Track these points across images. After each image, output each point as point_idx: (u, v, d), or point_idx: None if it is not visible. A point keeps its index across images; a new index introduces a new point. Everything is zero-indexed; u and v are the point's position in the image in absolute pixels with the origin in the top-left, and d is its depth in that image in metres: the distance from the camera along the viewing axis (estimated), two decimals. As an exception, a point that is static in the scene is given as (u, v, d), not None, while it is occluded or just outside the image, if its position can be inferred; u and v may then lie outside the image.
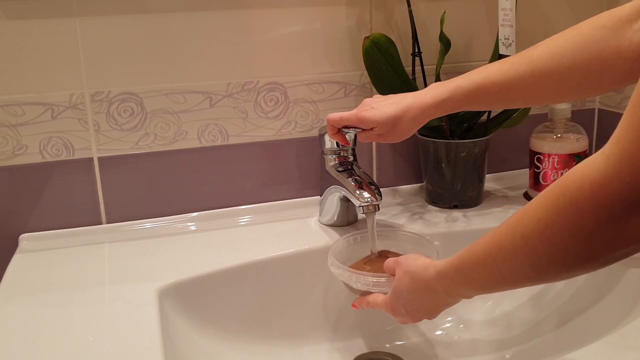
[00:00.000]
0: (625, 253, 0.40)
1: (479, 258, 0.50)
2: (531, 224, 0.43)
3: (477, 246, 0.51)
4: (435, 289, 0.58)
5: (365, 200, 0.76)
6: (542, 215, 0.42)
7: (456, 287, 0.56)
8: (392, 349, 0.80)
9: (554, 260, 0.42)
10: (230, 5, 0.86)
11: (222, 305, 0.76)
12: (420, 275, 0.59)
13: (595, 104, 1.07)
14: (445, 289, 0.57)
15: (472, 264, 0.52)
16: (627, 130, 0.36)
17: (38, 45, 0.81)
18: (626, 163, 0.36)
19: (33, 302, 0.69)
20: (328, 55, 0.92)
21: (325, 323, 0.81)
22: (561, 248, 0.41)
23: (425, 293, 0.60)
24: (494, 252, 0.48)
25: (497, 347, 0.79)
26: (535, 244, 0.43)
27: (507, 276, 0.48)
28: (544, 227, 0.42)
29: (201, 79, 0.87)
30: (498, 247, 0.48)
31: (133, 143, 0.87)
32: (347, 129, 0.75)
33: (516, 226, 0.45)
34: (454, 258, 0.55)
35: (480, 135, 0.89)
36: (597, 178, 0.37)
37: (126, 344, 0.60)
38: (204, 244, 0.84)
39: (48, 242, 0.85)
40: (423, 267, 0.59)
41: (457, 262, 0.54)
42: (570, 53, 0.61)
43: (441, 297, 0.59)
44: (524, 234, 0.44)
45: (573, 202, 0.39)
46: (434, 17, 0.94)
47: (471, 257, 0.52)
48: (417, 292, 0.61)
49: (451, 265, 0.55)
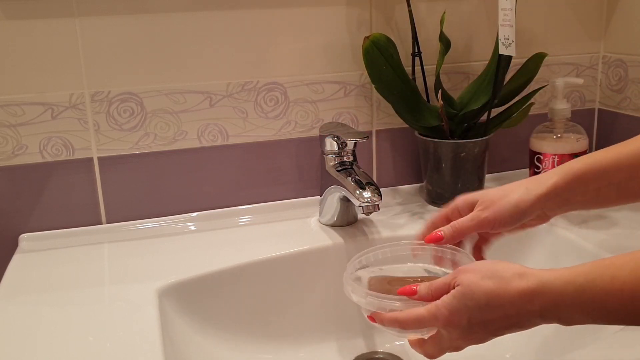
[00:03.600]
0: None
1: (625, 286, 0.43)
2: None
3: (621, 271, 0.43)
4: (530, 303, 0.47)
5: (365, 200, 0.76)
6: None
7: (565, 309, 0.46)
8: (392, 349, 0.80)
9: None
10: (230, 6, 0.86)
11: (222, 305, 0.76)
12: (512, 283, 0.48)
13: (595, 104, 1.07)
14: (545, 306, 0.47)
15: (612, 290, 0.43)
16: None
17: (38, 45, 0.81)
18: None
19: (33, 302, 0.69)
20: (328, 55, 0.92)
21: (325, 323, 0.81)
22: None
23: (511, 306, 0.48)
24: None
25: (497, 347, 0.79)
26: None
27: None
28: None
29: (201, 79, 0.87)
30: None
31: (133, 143, 0.87)
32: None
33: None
34: (571, 275, 0.46)
35: (480, 135, 0.89)
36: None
37: (126, 344, 0.60)
38: (204, 244, 0.84)
39: (48, 242, 0.85)
40: (516, 274, 0.48)
41: (580, 280, 0.45)
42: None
43: (529, 316, 0.48)
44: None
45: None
46: (434, 17, 0.94)
47: (609, 282, 0.44)
48: (498, 302, 0.48)
49: (567, 282, 0.46)
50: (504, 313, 0.48)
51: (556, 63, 1.03)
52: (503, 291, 0.48)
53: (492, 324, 0.50)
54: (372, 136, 0.97)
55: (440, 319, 0.51)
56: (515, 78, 0.93)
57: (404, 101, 0.90)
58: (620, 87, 1.02)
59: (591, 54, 1.04)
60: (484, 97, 0.90)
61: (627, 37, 1.00)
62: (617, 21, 1.01)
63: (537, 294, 0.47)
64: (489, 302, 0.48)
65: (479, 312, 0.49)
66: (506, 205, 0.59)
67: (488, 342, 0.53)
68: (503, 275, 0.49)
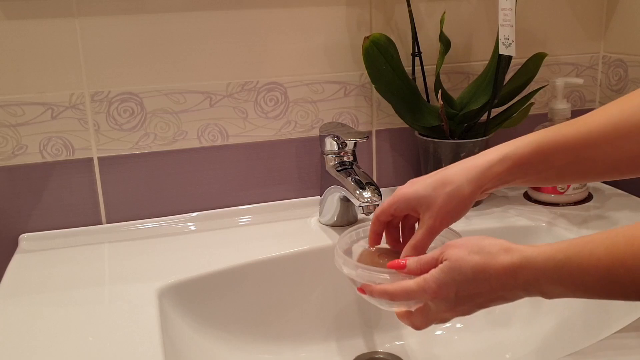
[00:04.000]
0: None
1: (601, 263, 0.44)
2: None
3: (598, 249, 0.45)
4: (513, 277, 0.49)
5: (365, 200, 0.76)
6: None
7: (546, 284, 0.48)
8: (392, 349, 0.80)
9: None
10: (230, 5, 0.86)
11: (222, 305, 0.76)
12: (498, 257, 0.50)
13: (595, 104, 1.07)
14: (527, 280, 0.49)
15: (588, 266, 0.45)
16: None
17: (38, 45, 0.81)
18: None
19: (33, 302, 0.69)
20: (328, 55, 0.92)
21: (325, 323, 0.81)
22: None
23: (496, 280, 0.50)
24: (632, 263, 0.43)
25: (497, 347, 0.79)
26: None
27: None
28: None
29: (201, 79, 0.87)
30: (638, 258, 0.43)
31: (133, 143, 0.87)
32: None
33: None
34: (552, 250, 0.48)
35: (480, 135, 0.89)
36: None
37: (126, 344, 0.60)
38: (204, 244, 0.84)
39: (48, 242, 0.85)
40: (501, 249, 0.50)
41: (560, 257, 0.47)
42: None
43: (513, 289, 0.50)
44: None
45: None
46: (434, 17, 0.94)
47: (586, 258, 0.45)
48: (484, 276, 0.50)
49: (548, 259, 0.48)
50: (489, 287, 0.50)
51: (556, 63, 1.03)
52: (489, 266, 0.50)
53: (479, 297, 0.52)
54: (372, 136, 0.97)
55: (428, 292, 0.52)
56: (515, 78, 0.93)
57: (404, 101, 0.90)
58: (620, 87, 1.02)
59: (591, 54, 1.04)
60: (484, 97, 0.90)
61: (627, 37, 1.00)
62: (617, 21, 1.01)
63: (521, 269, 0.49)
64: (476, 276, 0.50)
65: (466, 286, 0.51)
66: (450, 203, 0.59)
67: (488, 342, 0.54)
68: (489, 251, 0.50)
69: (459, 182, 0.59)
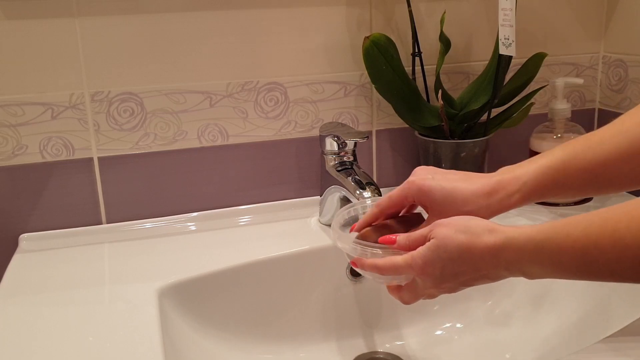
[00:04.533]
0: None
1: (577, 244, 0.46)
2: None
3: (575, 229, 0.46)
4: (496, 257, 0.51)
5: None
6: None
7: (527, 263, 0.50)
8: (392, 349, 0.80)
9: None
10: (230, 5, 0.86)
11: (222, 305, 0.76)
12: (482, 237, 0.51)
13: (595, 104, 1.07)
14: (509, 260, 0.50)
15: (565, 247, 0.46)
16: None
17: (38, 45, 0.81)
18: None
19: (33, 302, 0.69)
20: (328, 55, 0.92)
21: (325, 323, 0.81)
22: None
23: (480, 259, 0.52)
24: (605, 243, 0.44)
25: (497, 347, 0.79)
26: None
27: (614, 272, 0.44)
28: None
29: (201, 79, 0.87)
30: (613, 240, 0.44)
31: (133, 143, 0.87)
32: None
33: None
34: (533, 231, 0.49)
35: (480, 135, 0.89)
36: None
37: (126, 344, 0.60)
38: (204, 244, 0.84)
39: (48, 242, 0.85)
40: (487, 229, 0.52)
41: (539, 238, 0.48)
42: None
43: (496, 269, 0.52)
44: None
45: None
46: (434, 17, 0.94)
47: (564, 240, 0.47)
48: (469, 255, 0.52)
49: (529, 239, 0.49)
50: (473, 265, 0.52)
51: (556, 63, 1.03)
52: (473, 245, 0.52)
53: (463, 275, 0.53)
54: (372, 136, 0.97)
55: (414, 268, 0.55)
56: (515, 78, 0.93)
57: (404, 101, 0.90)
58: (620, 87, 1.02)
59: (591, 54, 1.04)
60: (484, 97, 0.90)
61: (627, 37, 1.00)
62: (617, 21, 1.01)
63: (503, 249, 0.50)
64: (461, 254, 0.52)
65: (451, 264, 0.53)
66: (463, 219, 0.57)
67: (487, 342, 0.54)
68: (475, 231, 0.52)
69: (476, 207, 0.59)
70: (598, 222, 0.45)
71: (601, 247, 0.45)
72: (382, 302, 0.83)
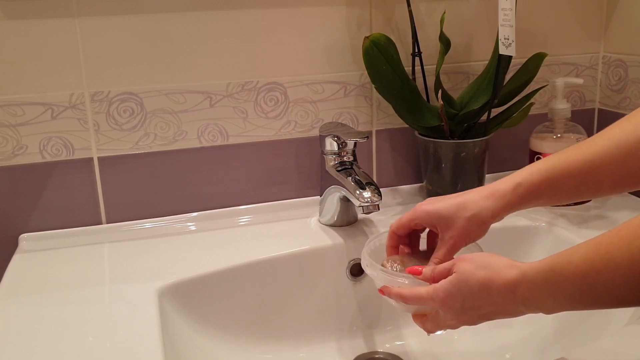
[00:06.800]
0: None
1: (577, 269, 0.46)
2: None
3: (575, 256, 0.47)
4: (513, 293, 0.52)
5: (365, 200, 0.76)
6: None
7: (540, 297, 0.50)
8: (392, 349, 0.81)
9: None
10: (230, 5, 0.86)
11: (222, 305, 0.76)
12: (500, 274, 0.53)
13: (595, 104, 1.07)
14: (525, 295, 0.51)
15: (568, 274, 0.47)
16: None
17: (38, 45, 0.81)
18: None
19: (33, 302, 0.69)
20: (328, 55, 0.92)
21: (325, 323, 0.81)
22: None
23: (498, 295, 0.53)
24: (600, 266, 0.44)
25: (497, 347, 0.79)
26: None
27: (612, 294, 0.45)
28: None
29: (201, 79, 0.87)
30: (606, 261, 0.44)
31: (133, 143, 0.87)
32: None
33: (633, 240, 0.42)
34: (542, 264, 0.50)
35: (480, 135, 0.89)
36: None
37: (126, 344, 0.60)
38: (204, 244, 0.84)
39: (48, 242, 0.85)
40: (505, 266, 0.53)
41: (546, 269, 0.49)
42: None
43: (513, 304, 0.53)
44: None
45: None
46: (434, 17, 0.94)
47: (566, 267, 0.47)
48: (488, 291, 0.53)
49: (538, 271, 0.50)
50: (492, 300, 0.53)
51: (556, 63, 1.03)
52: (492, 281, 0.53)
53: (482, 309, 0.55)
54: (372, 136, 0.97)
55: (436, 300, 0.57)
56: (515, 78, 0.93)
57: (404, 101, 0.90)
58: (620, 87, 1.02)
59: (591, 54, 1.04)
60: (484, 97, 0.90)
61: (627, 37, 1.00)
62: (617, 21, 1.01)
63: (518, 285, 0.51)
64: (480, 289, 0.54)
65: (471, 298, 0.54)
66: (470, 227, 0.63)
67: (488, 342, 0.55)
68: (494, 267, 0.53)
69: (478, 209, 0.63)
70: (593, 247, 0.46)
71: (597, 269, 0.45)
72: (382, 302, 0.83)
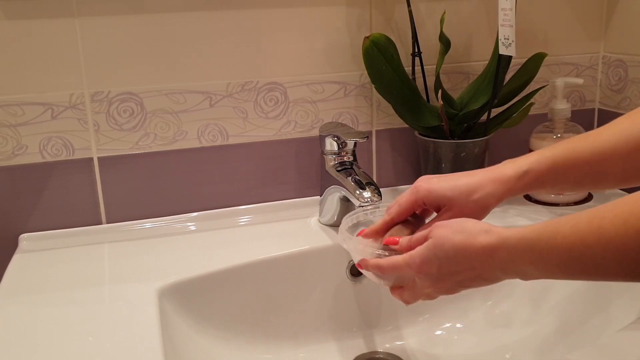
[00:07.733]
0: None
1: (565, 241, 0.46)
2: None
3: (564, 228, 0.47)
4: (491, 257, 0.52)
5: (365, 200, 0.76)
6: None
7: (520, 264, 0.50)
8: (392, 349, 0.81)
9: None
10: (230, 5, 0.86)
11: (222, 305, 0.76)
12: (479, 238, 0.52)
13: (595, 104, 1.07)
14: (504, 260, 0.51)
15: (555, 245, 0.47)
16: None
17: (38, 45, 0.81)
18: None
19: (33, 302, 0.69)
20: (328, 55, 0.92)
21: (325, 323, 0.81)
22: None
23: (476, 259, 0.53)
24: (591, 240, 0.45)
25: (497, 347, 0.79)
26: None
27: (600, 268, 0.45)
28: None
29: (201, 79, 0.87)
30: (598, 236, 0.44)
31: (133, 143, 0.87)
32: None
33: (628, 218, 0.43)
34: (526, 231, 0.50)
35: (480, 135, 0.89)
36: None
37: (126, 344, 0.60)
38: (204, 244, 0.84)
39: (48, 242, 0.85)
40: (484, 230, 0.53)
41: (531, 237, 0.49)
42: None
43: (492, 269, 0.53)
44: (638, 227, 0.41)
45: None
46: (434, 17, 0.94)
47: (553, 238, 0.47)
48: (465, 255, 0.53)
49: (521, 238, 0.50)
50: (469, 265, 0.53)
51: (556, 63, 1.03)
52: (469, 245, 0.53)
53: (459, 275, 0.55)
54: (372, 136, 0.97)
55: (413, 267, 0.57)
56: (515, 78, 0.93)
57: (404, 101, 0.90)
58: (620, 87, 1.02)
59: (591, 54, 1.04)
60: (484, 97, 0.90)
61: (627, 37, 1.00)
62: (617, 21, 1.01)
63: (497, 249, 0.51)
64: (457, 254, 0.53)
65: (447, 263, 0.54)
66: (474, 210, 0.62)
67: (487, 342, 0.54)
68: (471, 231, 0.53)
69: (485, 193, 0.62)
70: (585, 219, 0.46)
71: (587, 242, 0.45)
72: (382, 302, 0.83)
